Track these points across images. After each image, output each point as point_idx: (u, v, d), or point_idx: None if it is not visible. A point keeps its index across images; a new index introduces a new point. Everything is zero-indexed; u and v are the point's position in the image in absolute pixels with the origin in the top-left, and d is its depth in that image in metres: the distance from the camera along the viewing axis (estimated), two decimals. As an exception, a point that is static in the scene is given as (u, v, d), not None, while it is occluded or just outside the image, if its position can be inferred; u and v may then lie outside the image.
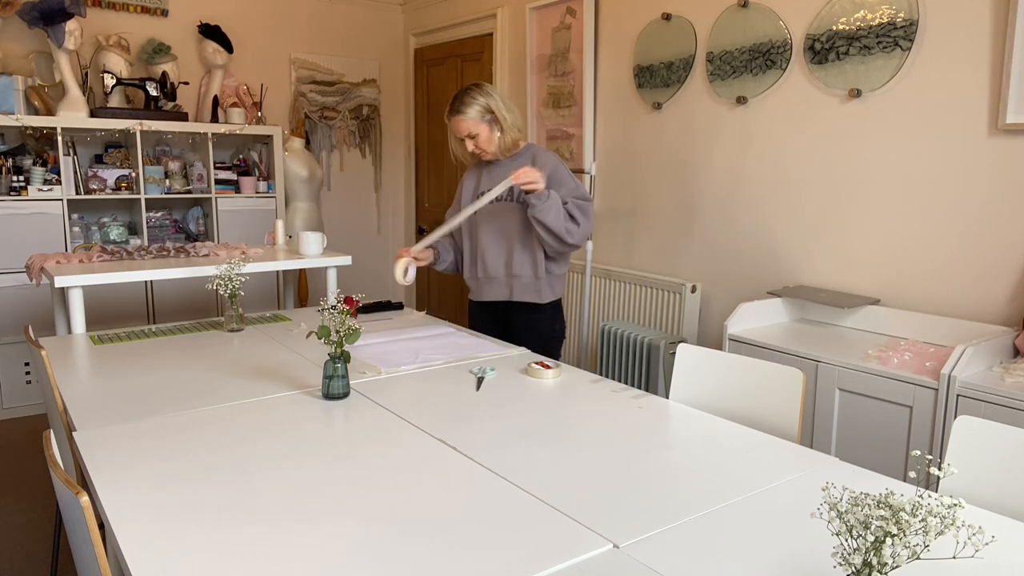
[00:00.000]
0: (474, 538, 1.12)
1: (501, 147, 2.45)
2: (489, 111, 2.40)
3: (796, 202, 2.94)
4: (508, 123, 2.43)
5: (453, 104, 2.42)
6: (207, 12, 4.57)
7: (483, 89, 2.42)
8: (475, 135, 2.41)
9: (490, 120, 2.41)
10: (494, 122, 2.42)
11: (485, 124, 2.41)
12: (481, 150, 2.45)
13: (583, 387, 1.90)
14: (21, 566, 2.45)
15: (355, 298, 2.37)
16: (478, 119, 2.40)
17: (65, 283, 2.60)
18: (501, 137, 2.43)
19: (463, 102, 2.39)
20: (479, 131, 2.41)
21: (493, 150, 2.45)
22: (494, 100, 2.41)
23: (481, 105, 2.39)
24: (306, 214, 4.74)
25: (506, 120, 2.42)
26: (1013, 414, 1.91)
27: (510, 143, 2.45)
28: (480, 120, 2.40)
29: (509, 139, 2.44)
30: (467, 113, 2.39)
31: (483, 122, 2.40)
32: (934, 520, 0.83)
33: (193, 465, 1.37)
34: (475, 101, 2.39)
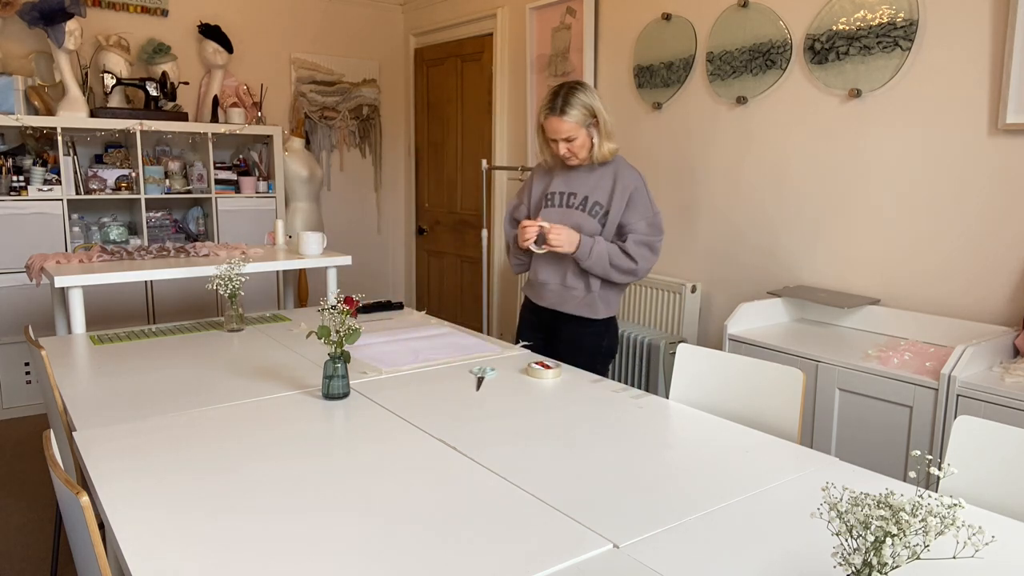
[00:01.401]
0: (474, 538, 1.12)
1: (598, 154, 2.27)
2: (593, 115, 2.23)
3: (796, 202, 2.94)
4: (608, 129, 2.27)
5: (554, 102, 2.23)
6: (207, 12, 4.57)
7: (587, 90, 2.24)
8: (573, 139, 2.24)
9: (591, 125, 2.25)
10: (595, 127, 2.25)
11: (585, 129, 2.24)
12: (573, 155, 2.28)
13: (583, 387, 1.90)
14: (21, 566, 2.45)
15: (355, 298, 2.37)
16: (580, 123, 2.22)
17: (65, 283, 2.60)
18: (598, 144, 2.26)
19: (567, 102, 2.21)
20: (578, 135, 2.24)
21: (585, 156, 2.29)
22: (598, 103, 2.24)
23: (585, 107, 2.22)
24: (306, 214, 4.74)
25: (607, 125, 2.26)
26: (1013, 414, 1.91)
27: (607, 152, 2.28)
28: (582, 124, 2.22)
29: (607, 148, 2.27)
30: (570, 114, 2.20)
31: (584, 126, 2.23)
32: (934, 520, 0.83)
33: (193, 465, 1.37)
34: (579, 102, 2.21)
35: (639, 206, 2.27)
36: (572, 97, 2.22)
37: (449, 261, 5.15)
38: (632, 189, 2.27)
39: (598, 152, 2.28)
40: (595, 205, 2.30)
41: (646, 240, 2.26)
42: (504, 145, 4.49)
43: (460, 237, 5.00)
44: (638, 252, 2.25)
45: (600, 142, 2.28)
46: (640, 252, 2.25)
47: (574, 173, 2.37)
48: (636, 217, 2.26)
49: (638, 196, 2.27)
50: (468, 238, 4.91)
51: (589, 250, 2.22)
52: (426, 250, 5.39)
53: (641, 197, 2.28)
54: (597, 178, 2.33)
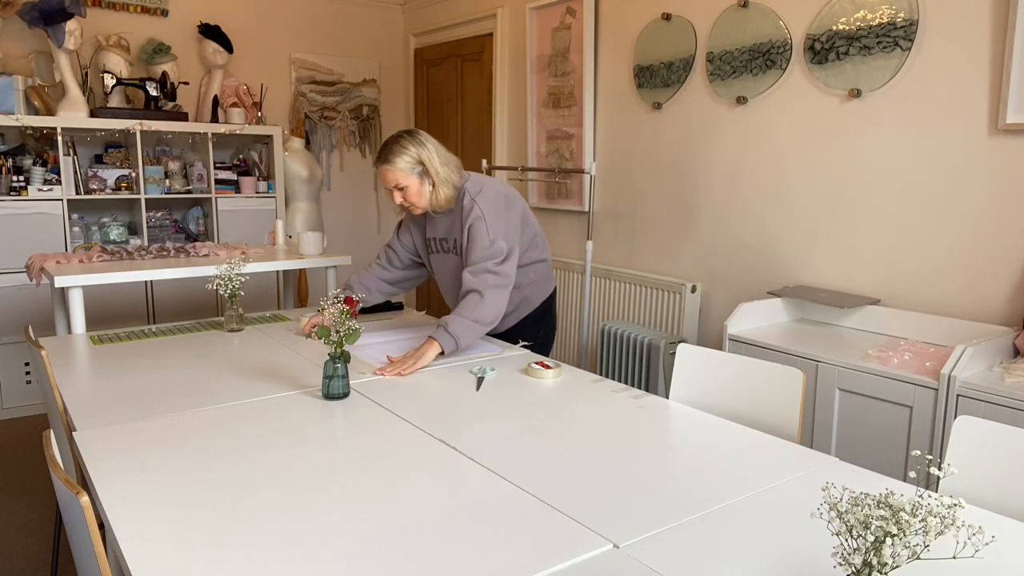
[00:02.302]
0: (474, 538, 1.12)
1: (433, 203, 2.23)
2: (420, 162, 2.18)
3: (796, 202, 2.94)
4: (441, 177, 2.20)
5: (381, 152, 2.21)
6: (207, 12, 4.57)
7: (415, 138, 2.20)
8: (404, 187, 2.20)
9: (421, 173, 2.19)
10: (424, 175, 2.20)
11: (415, 176, 2.19)
12: (410, 204, 2.23)
13: (583, 387, 1.90)
14: (21, 566, 2.45)
15: (355, 298, 2.37)
16: (408, 171, 2.18)
17: (65, 283, 2.60)
18: (433, 192, 2.21)
19: (392, 151, 2.17)
20: (408, 183, 2.19)
21: (424, 205, 2.24)
22: (426, 151, 2.19)
23: (411, 156, 2.17)
24: (306, 214, 4.74)
25: (439, 174, 2.19)
26: (1013, 414, 1.91)
27: (443, 200, 2.22)
28: (410, 172, 2.18)
29: (442, 196, 2.21)
30: (395, 163, 2.16)
31: (413, 174, 2.19)
32: (934, 520, 0.83)
33: (193, 465, 1.37)
34: (405, 151, 2.17)
35: (477, 237, 2.18)
36: (396, 146, 2.18)
37: (449, 261, 5.14)
38: (471, 221, 2.19)
39: (434, 201, 2.22)
40: (457, 246, 2.29)
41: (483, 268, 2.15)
42: (504, 145, 4.49)
43: (460, 237, 4.99)
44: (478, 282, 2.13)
45: (434, 191, 2.21)
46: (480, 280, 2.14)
47: (436, 216, 2.32)
48: (475, 248, 2.18)
49: (476, 227, 2.18)
50: (468, 238, 4.91)
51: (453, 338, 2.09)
52: (426, 250, 5.39)
53: (478, 231, 2.17)
54: (454, 217, 2.28)
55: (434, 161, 2.19)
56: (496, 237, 2.18)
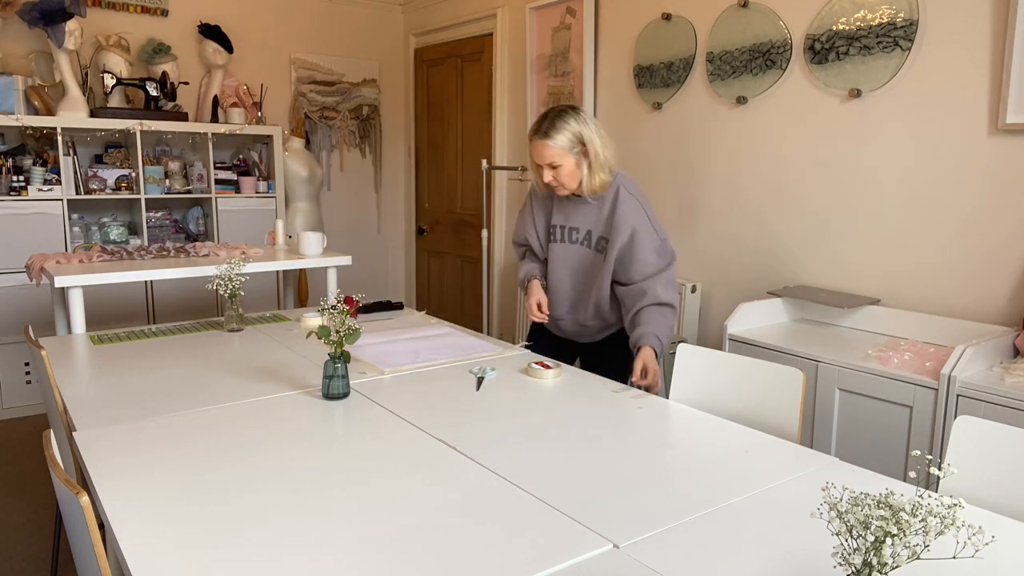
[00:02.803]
0: (474, 538, 1.12)
1: (587, 187, 2.08)
2: (581, 142, 2.03)
3: (796, 202, 2.94)
4: (600, 160, 2.05)
5: (540, 125, 2.05)
6: (207, 12, 4.57)
7: (579, 115, 2.05)
8: (558, 166, 2.05)
9: (579, 153, 2.05)
10: (583, 155, 2.05)
11: (573, 156, 2.04)
12: (559, 184, 2.08)
13: (583, 387, 1.89)
14: (21, 566, 2.45)
15: (355, 298, 2.37)
16: (566, 149, 2.03)
17: (65, 283, 2.60)
18: (589, 176, 2.06)
19: (553, 126, 2.02)
20: (564, 163, 2.04)
21: (574, 187, 2.09)
22: (588, 129, 2.04)
23: (573, 133, 2.03)
24: (306, 214, 4.74)
25: (599, 156, 2.04)
26: (1013, 414, 1.91)
27: (597, 185, 2.07)
28: (568, 151, 2.03)
29: (597, 181, 2.06)
30: (555, 139, 2.01)
31: (571, 154, 2.04)
32: (934, 520, 0.83)
33: (193, 465, 1.37)
34: (567, 127, 2.02)
35: (645, 239, 2.09)
36: (560, 121, 2.04)
37: (449, 261, 5.15)
38: (634, 224, 2.08)
39: (587, 185, 2.09)
40: (600, 240, 2.16)
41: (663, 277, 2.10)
42: (504, 145, 4.49)
43: (460, 237, 5.00)
44: (666, 293, 2.09)
45: (590, 174, 2.07)
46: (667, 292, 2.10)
47: (572, 202, 2.20)
48: (645, 251, 2.09)
49: (642, 229, 2.09)
50: (468, 238, 4.91)
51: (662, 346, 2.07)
52: (426, 250, 5.39)
53: (645, 229, 2.09)
54: (596, 209, 2.15)
55: (595, 142, 2.05)
56: (665, 237, 2.13)
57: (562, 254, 2.24)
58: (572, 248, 2.22)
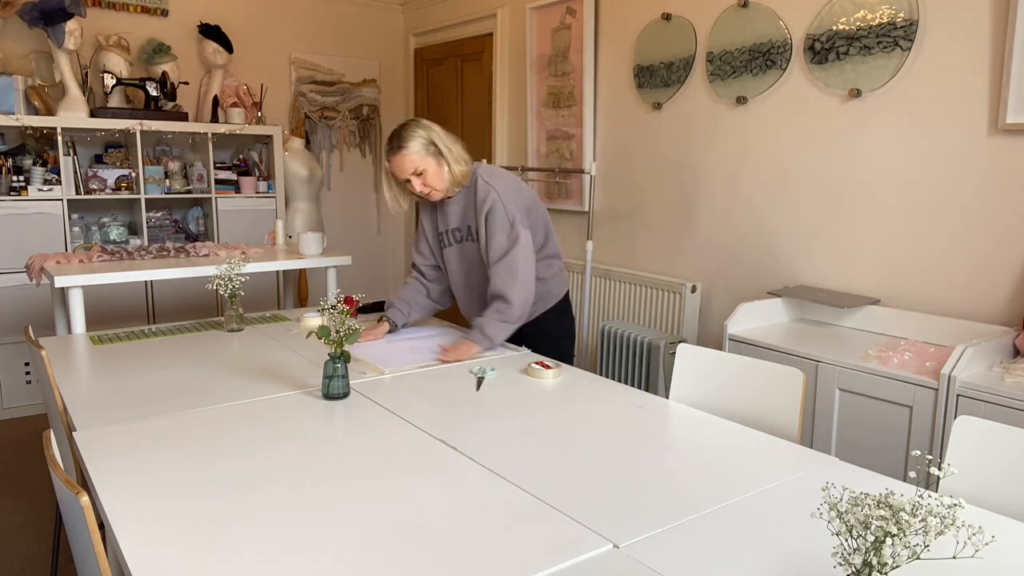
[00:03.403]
0: (474, 538, 1.12)
1: (451, 181, 2.26)
2: (432, 143, 2.22)
3: (796, 202, 2.94)
4: (454, 154, 2.24)
5: (392, 142, 2.24)
6: (207, 12, 4.57)
7: (420, 123, 2.26)
8: (422, 171, 2.22)
9: (435, 153, 2.23)
10: (438, 155, 2.23)
11: (431, 157, 2.22)
12: (430, 188, 2.25)
13: (583, 387, 1.90)
14: (21, 566, 2.45)
15: (355, 298, 2.37)
16: (423, 153, 2.21)
17: (65, 283, 2.60)
18: (449, 171, 2.24)
19: (403, 137, 2.21)
20: (426, 166, 2.21)
21: (443, 187, 2.26)
22: (435, 132, 2.24)
23: (422, 137, 2.21)
24: (306, 214, 4.74)
25: (450, 151, 2.23)
26: (1013, 414, 1.91)
27: (459, 176, 2.26)
28: (425, 154, 2.21)
29: (458, 171, 2.25)
30: (410, 147, 2.20)
31: (428, 155, 2.22)
32: (934, 520, 0.83)
33: (193, 465, 1.37)
34: (415, 135, 2.21)
35: (496, 220, 2.21)
36: (406, 131, 2.22)
37: (449, 261, 5.14)
38: (488, 206, 2.22)
39: (451, 178, 2.25)
40: (473, 233, 2.30)
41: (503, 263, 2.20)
42: (504, 145, 4.49)
43: (460, 237, 4.99)
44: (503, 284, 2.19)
45: (450, 168, 2.24)
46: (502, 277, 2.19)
47: (450, 206, 2.34)
48: (495, 235, 2.22)
49: (493, 213, 2.22)
50: (468, 238, 4.91)
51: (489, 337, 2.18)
52: (426, 250, 5.39)
53: (496, 212, 2.22)
54: (467, 203, 2.31)
55: (444, 139, 2.24)
56: (515, 220, 2.22)
57: (455, 255, 2.40)
58: (461, 247, 2.37)
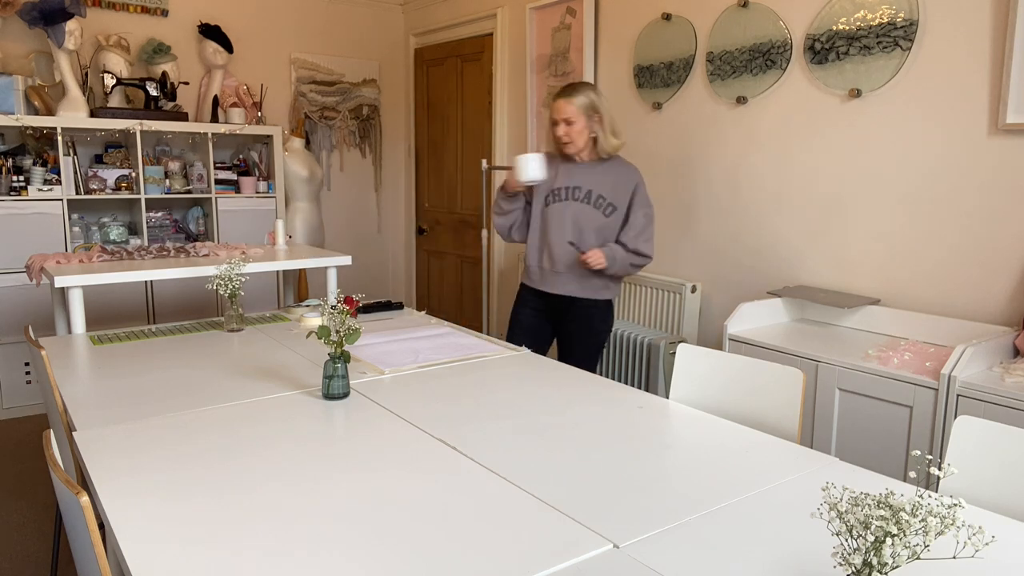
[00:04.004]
0: (474, 538, 1.12)
1: (602, 148, 2.54)
2: (595, 109, 2.52)
3: (796, 202, 2.94)
4: (606, 131, 2.54)
5: (564, 89, 2.53)
6: (207, 12, 4.57)
7: (596, 89, 2.55)
8: (572, 122, 2.50)
9: (593, 117, 2.52)
10: (596, 121, 2.53)
11: (586, 117, 2.51)
12: (570, 139, 2.52)
13: (583, 387, 1.89)
14: (21, 566, 2.45)
15: (355, 298, 2.37)
16: (581, 110, 2.50)
17: (65, 283, 2.60)
18: (603, 138, 2.52)
19: (575, 89, 2.51)
20: (577, 120, 2.50)
21: (580, 145, 2.54)
22: (604, 104, 2.53)
23: (591, 100, 2.51)
24: (306, 214, 4.74)
25: (612, 124, 2.54)
26: (1013, 414, 1.91)
27: (610, 148, 2.55)
28: (583, 112, 2.50)
29: (611, 144, 2.54)
30: (574, 99, 2.49)
31: (584, 115, 2.51)
32: (934, 520, 0.83)
33: (193, 465, 1.37)
34: (586, 95, 2.50)
35: (641, 200, 2.57)
36: (580, 87, 2.53)
37: (449, 261, 5.15)
38: (635, 185, 2.56)
39: (604, 144, 2.55)
40: (599, 199, 2.56)
41: (646, 234, 2.56)
42: (504, 145, 4.49)
43: (460, 237, 5.00)
44: (648, 247, 2.56)
45: (605, 136, 2.54)
46: (649, 247, 2.57)
47: (576, 168, 2.60)
48: (638, 212, 2.55)
49: (640, 191, 2.57)
50: (468, 238, 4.91)
51: (613, 258, 2.52)
52: (426, 250, 5.39)
53: (642, 192, 2.57)
54: (600, 173, 2.57)
55: (607, 111, 2.55)
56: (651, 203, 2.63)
57: (562, 211, 2.59)
58: (573, 205, 2.57)
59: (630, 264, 2.57)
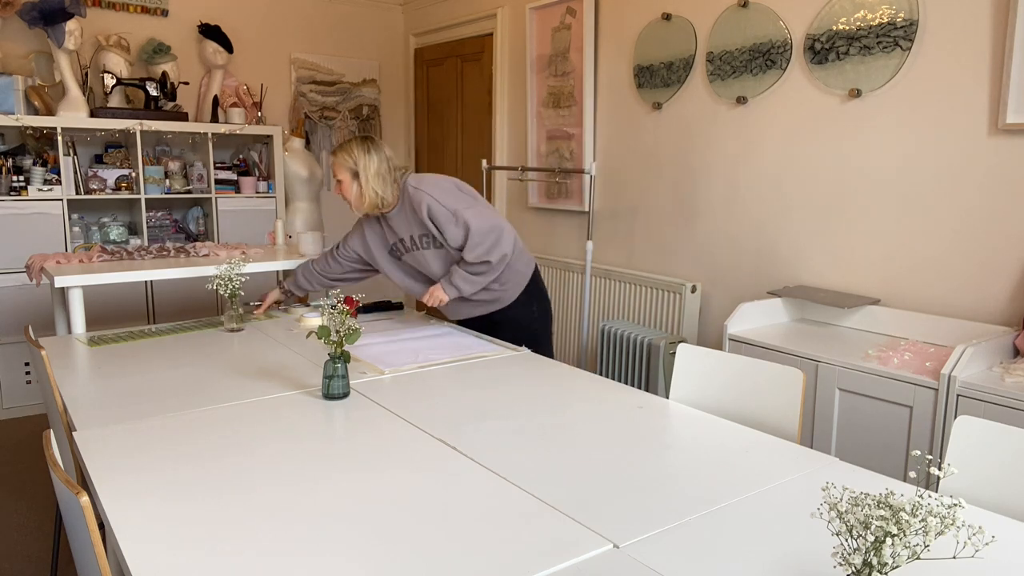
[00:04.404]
0: (474, 538, 1.12)
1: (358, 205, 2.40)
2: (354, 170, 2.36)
3: (796, 202, 2.94)
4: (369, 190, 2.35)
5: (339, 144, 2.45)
6: (207, 12, 4.57)
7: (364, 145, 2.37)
8: (339, 180, 2.39)
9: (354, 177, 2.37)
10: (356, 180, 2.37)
11: (348, 173, 2.37)
12: (345, 198, 2.41)
13: (583, 387, 1.89)
14: (21, 566, 2.45)
15: (355, 298, 2.37)
16: (344, 167, 2.37)
17: (65, 283, 2.60)
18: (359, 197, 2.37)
19: (341, 147, 2.39)
20: (342, 178, 2.38)
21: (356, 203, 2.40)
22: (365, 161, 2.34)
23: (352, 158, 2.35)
24: (306, 214, 4.74)
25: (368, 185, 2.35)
26: (1013, 414, 1.91)
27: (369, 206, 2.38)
28: (344, 168, 2.37)
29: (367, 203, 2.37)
30: (337, 156, 2.39)
31: (347, 170, 2.37)
32: (934, 520, 0.83)
33: (193, 465, 1.37)
34: (349, 153, 2.36)
35: (443, 217, 2.32)
36: (347, 144, 2.38)
37: (449, 261, 5.14)
38: (425, 211, 2.32)
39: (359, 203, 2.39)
40: (423, 238, 2.41)
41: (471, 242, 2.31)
42: (504, 145, 4.49)
43: (460, 237, 4.99)
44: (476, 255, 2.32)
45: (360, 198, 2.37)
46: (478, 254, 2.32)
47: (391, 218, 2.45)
48: (447, 229, 2.33)
49: (436, 209, 2.32)
50: (468, 238, 4.91)
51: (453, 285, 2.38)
52: (426, 250, 5.39)
53: (438, 208, 2.32)
54: (404, 215, 2.42)
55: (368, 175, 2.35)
56: (456, 210, 2.32)
57: (421, 260, 2.47)
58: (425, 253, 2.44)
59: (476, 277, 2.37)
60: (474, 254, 2.32)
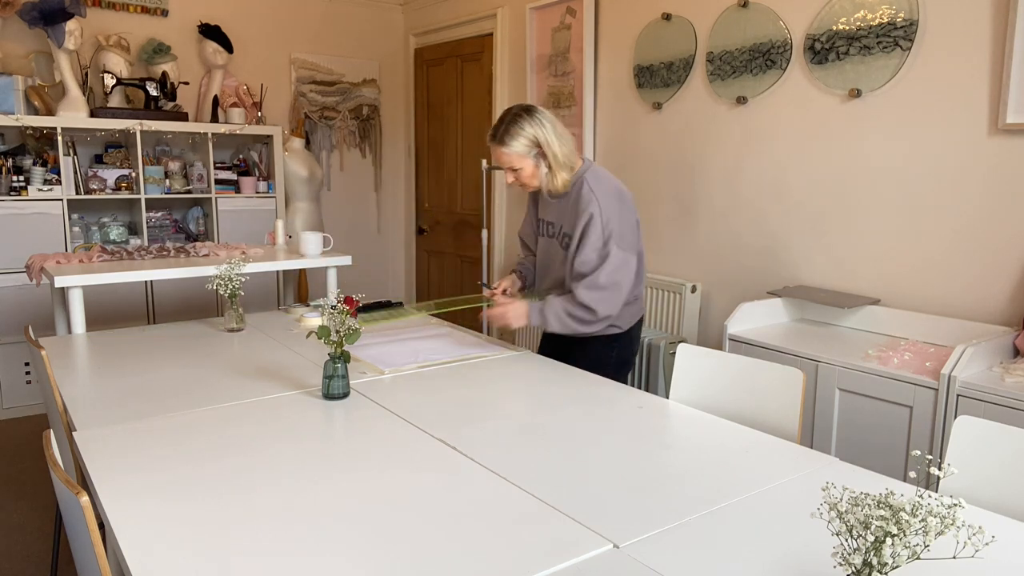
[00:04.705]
0: (474, 538, 1.12)
1: (547, 188, 2.12)
2: (537, 144, 2.05)
3: (796, 202, 2.94)
4: (559, 160, 2.07)
5: (496, 131, 2.08)
6: (207, 12, 4.57)
7: (534, 116, 2.06)
8: (518, 169, 2.09)
9: (537, 155, 2.08)
10: (541, 156, 2.08)
11: (531, 159, 2.07)
12: (524, 185, 2.13)
13: (583, 387, 1.89)
14: (21, 566, 2.45)
15: (355, 298, 2.37)
16: (523, 153, 2.06)
17: (65, 283, 2.60)
18: (549, 175, 2.09)
19: (508, 131, 2.04)
20: (523, 165, 2.08)
21: (536, 186, 2.13)
22: (543, 130, 2.05)
23: (528, 137, 2.04)
24: (306, 214, 4.74)
25: (556, 158, 2.07)
26: (1013, 414, 1.91)
27: (559, 186, 2.10)
28: (525, 155, 2.06)
29: (559, 181, 2.09)
30: (510, 146, 2.05)
31: (528, 156, 2.07)
32: (934, 520, 0.83)
33: (193, 465, 1.37)
34: (521, 131, 2.04)
35: (590, 237, 2.06)
36: (513, 126, 2.05)
37: (449, 261, 5.15)
38: (586, 219, 2.06)
39: (548, 186, 2.12)
40: (565, 236, 2.17)
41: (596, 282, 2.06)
42: (504, 145, 4.48)
43: (460, 237, 5.00)
44: (590, 297, 2.05)
45: (551, 175, 2.09)
46: (592, 297, 2.05)
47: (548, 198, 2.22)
48: (587, 250, 2.07)
49: (590, 226, 2.06)
50: (468, 238, 4.91)
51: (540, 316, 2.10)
52: (426, 250, 5.39)
53: (593, 227, 2.06)
54: (566, 204, 2.16)
55: (552, 143, 2.06)
56: (609, 238, 2.06)
57: (545, 248, 2.29)
58: (551, 243, 2.25)
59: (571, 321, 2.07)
60: (588, 294, 2.04)
